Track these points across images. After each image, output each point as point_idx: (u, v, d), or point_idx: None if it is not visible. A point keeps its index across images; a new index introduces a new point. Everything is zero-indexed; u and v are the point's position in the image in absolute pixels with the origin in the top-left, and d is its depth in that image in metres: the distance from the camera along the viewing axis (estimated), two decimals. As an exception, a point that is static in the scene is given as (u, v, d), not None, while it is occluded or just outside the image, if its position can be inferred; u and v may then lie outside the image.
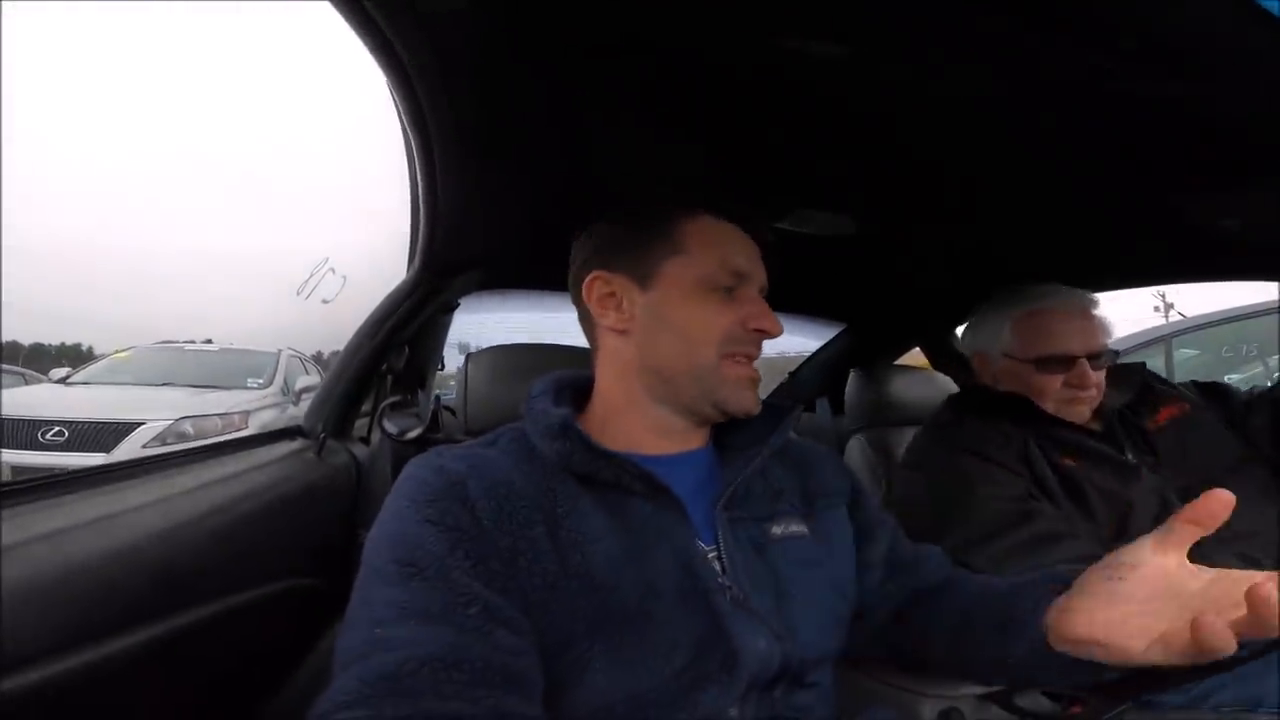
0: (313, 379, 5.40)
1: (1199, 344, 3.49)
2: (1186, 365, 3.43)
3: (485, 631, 0.47)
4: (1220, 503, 0.43)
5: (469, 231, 1.05)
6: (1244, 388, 1.10)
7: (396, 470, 0.57)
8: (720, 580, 0.56)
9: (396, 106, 0.71)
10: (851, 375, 1.62)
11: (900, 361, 1.98)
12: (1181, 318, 3.87)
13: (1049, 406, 1.00)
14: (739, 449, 0.66)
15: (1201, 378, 1.14)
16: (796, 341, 2.29)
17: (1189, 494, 0.88)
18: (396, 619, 0.46)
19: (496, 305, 1.69)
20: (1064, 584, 0.52)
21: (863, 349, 1.99)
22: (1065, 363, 0.98)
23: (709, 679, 0.52)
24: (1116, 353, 1.04)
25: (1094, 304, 1.04)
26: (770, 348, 0.68)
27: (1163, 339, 3.38)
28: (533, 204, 0.94)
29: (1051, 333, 1.00)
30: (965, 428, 1.02)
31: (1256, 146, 0.72)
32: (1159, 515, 0.89)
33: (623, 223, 0.67)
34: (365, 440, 1.20)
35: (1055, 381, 0.99)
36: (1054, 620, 0.51)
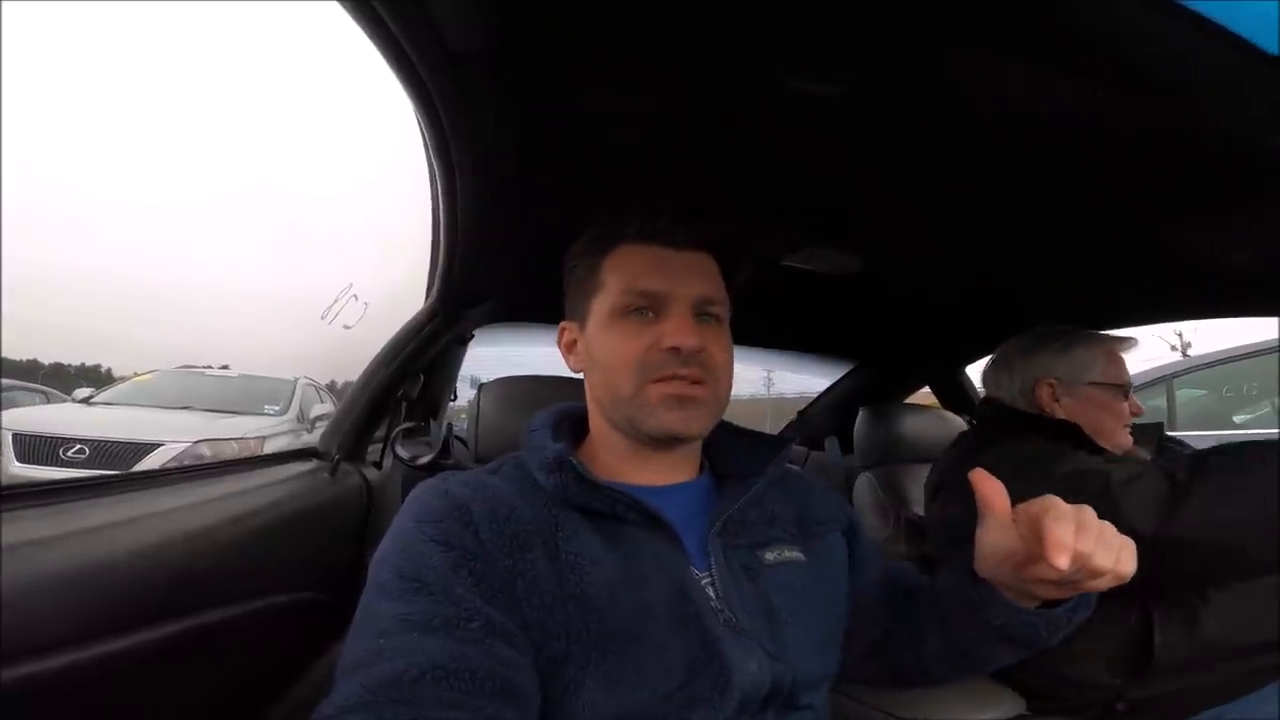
0: (327, 407, 5.46)
1: (1203, 384, 3.35)
2: (1190, 406, 3.28)
3: (486, 645, 0.48)
4: (985, 479, 0.56)
5: (485, 263, 1.09)
6: (1250, 429, 1.10)
7: (406, 495, 0.59)
8: (713, 605, 0.57)
9: (423, 137, 0.75)
10: (861, 413, 1.62)
11: (909, 400, 1.98)
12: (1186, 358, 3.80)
13: (1118, 433, 1.10)
14: (736, 478, 0.67)
15: (1205, 419, 1.16)
16: (808, 381, 2.30)
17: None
18: (400, 630, 0.48)
19: (509, 338, 1.72)
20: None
21: (872, 387, 1.99)
22: (1127, 391, 1.13)
23: (701, 700, 0.52)
24: None
25: None
26: (789, 387, 0.69)
27: (1164, 379, 3.27)
28: (547, 237, 0.98)
29: (1123, 366, 1.15)
30: (1009, 445, 1.05)
31: (1257, 175, 0.72)
32: None
33: (567, 268, 0.70)
34: (378, 464, 1.22)
35: (1126, 406, 1.13)
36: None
